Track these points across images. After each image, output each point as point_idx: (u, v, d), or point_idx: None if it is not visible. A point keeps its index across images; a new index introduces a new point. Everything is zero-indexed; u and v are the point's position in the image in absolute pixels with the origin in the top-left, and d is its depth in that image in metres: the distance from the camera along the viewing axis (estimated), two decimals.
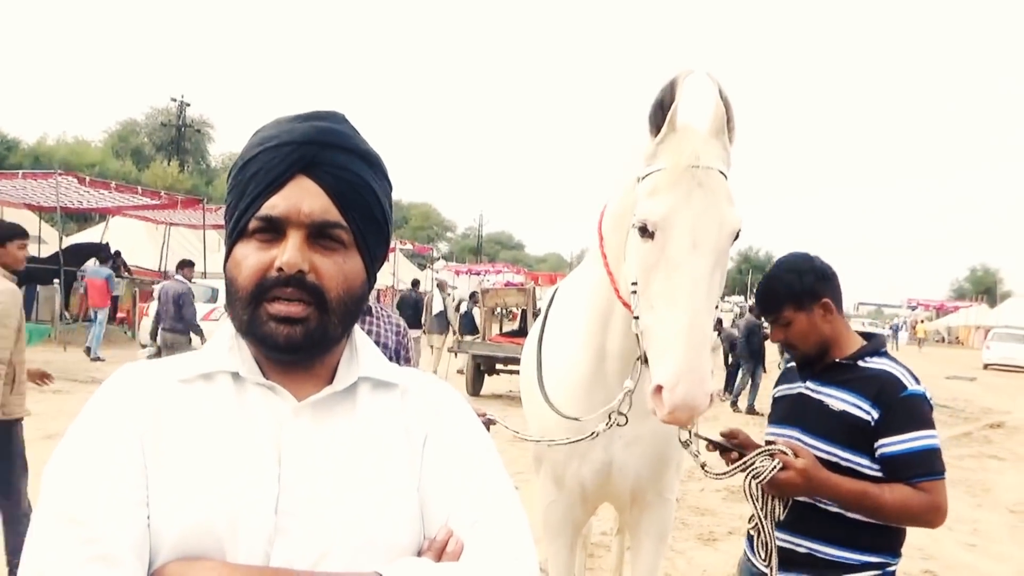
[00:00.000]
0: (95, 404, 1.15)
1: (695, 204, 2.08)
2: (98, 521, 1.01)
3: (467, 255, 77.30)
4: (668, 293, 2.07)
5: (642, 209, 2.14)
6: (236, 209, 1.19)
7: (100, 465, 1.06)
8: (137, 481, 1.07)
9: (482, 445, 1.28)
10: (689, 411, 1.98)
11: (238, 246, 1.18)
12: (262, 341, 1.16)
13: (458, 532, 1.16)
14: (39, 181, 19.20)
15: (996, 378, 28.50)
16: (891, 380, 2.32)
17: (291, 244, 1.14)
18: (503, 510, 1.20)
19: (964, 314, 61.99)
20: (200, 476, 1.09)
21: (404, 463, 1.20)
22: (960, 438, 12.80)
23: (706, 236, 2.08)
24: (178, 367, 1.19)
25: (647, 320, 2.16)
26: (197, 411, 1.14)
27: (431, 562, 1.12)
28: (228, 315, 1.21)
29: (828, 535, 2.31)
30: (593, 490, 2.82)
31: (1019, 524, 7.67)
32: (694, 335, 2.00)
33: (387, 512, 1.15)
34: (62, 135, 50.77)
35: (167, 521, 1.06)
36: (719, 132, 2.16)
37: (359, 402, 1.22)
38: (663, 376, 2.00)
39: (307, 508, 1.10)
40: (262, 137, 1.21)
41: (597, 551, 5.58)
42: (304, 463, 1.13)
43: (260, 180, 1.17)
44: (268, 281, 1.14)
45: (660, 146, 2.15)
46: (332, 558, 1.09)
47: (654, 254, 2.11)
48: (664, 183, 2.11)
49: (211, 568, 1.04)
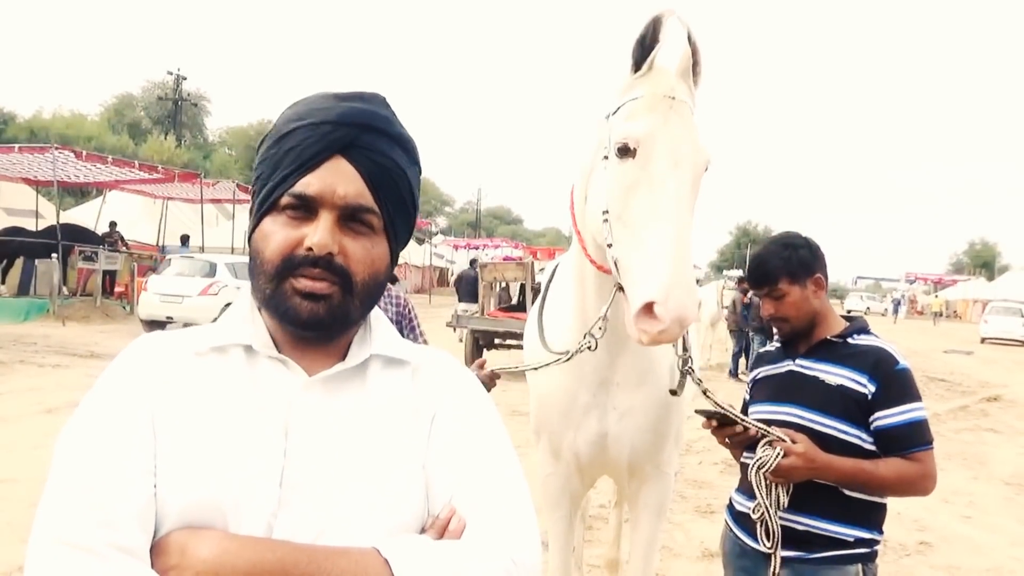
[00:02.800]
0: (109, 375, 1.16)
1: (673, 126, 2.11)
2: (104, 488, 1.03)
3: (465, 230, 77.25)
4: (651, 209, 2.05)
5: (621, 131, 2.15)
6: (268, 182, 1.18)
7: (109, 434, 1.08)
8: (145, 451, 1.08)
9: (490, 423, 1.27)
10: (681, 324, 1.94)
11: (267, 219, 1.18)
12: (284, 315, 1.16)
13: (461, 510, 1.16)
14: (36, 155, 19.12)
15: (993, 352, 28.59)
16: (885, 354, 2.39)
17: (323, 225, 1.14)
18: (507, 490, 1.20)
19: (962, 288, 62.08)
20: (207, 448, 1.09)
21: (411, 440, 1.20)
22: (957, 411, 12.85)
23: (685, 156, 2.10)
24: (193, 339, 1.20)
25: (625, 243, 2.11)
26: (209, 383, 1.15)
27: (430, 539, 1.12)
28: (251, 287, 1.22)
29: (824, 511, 2.35)
30: (589, 462, 2.83)
31: (1014, 496, 7.73)
32: (681, 248, 1.97)
33: (391, 488, 1.15)
34: (58, 109, 50.73)
35: (173, 491, 1.07)
36: (685, 74, 2.18)
37: (369, 379, 1.22)
38: (654, 291, 1.93)
39: (311, 482, 1.10)
40: (300, 112, 1.20)
41: (595, 523, 5.62)
42: (311, 438, 1.13)
43: (296, 157, 1.16)
44: (296, 259, 1.14)
45: (637, 79, 2.19)
46: (333, 532, 1.09)
47: (634, 173, 2.10)
48: (642, 108, 2.14)
49: (213, 537, 1.05)
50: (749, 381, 2.72)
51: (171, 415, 1.11)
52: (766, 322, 2.53)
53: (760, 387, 2.62)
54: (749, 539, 2.47)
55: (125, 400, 1.11)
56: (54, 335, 15.07)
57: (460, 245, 51.06)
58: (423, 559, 1.08)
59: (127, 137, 48.44)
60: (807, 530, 2.34)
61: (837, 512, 2.34)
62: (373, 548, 1.08)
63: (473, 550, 1.11)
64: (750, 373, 2.74)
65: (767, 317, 2.52)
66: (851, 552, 2.35)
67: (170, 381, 1.14)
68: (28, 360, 12.02)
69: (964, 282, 64.07)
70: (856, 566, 2.36)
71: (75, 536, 1.00)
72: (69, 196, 32.79)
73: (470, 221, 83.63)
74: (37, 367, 11.44)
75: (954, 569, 5.50)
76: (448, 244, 51.40)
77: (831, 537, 2.34)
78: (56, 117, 47.78)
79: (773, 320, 2.52)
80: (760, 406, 2.53)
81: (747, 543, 2.48)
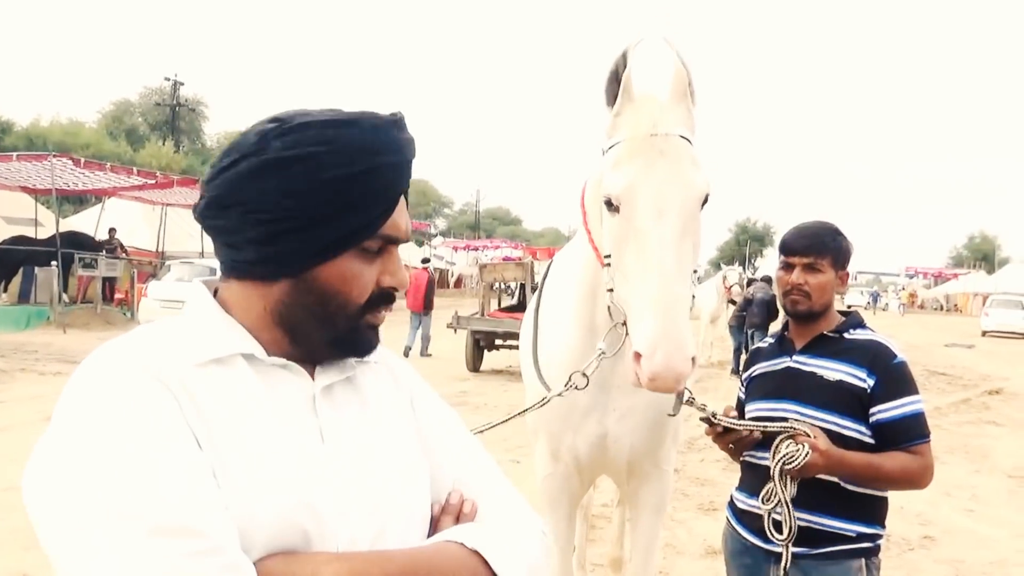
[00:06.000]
0: (112, 399, 0.98)
1: (658, 173, 2.06)
2: (213, 527, 0.92)
3: (465, 231, 77.19)
4: (638, 263, 2.06)
5: (606, 183, 2.14)
6: (346, 218, 1.10)
7: (175, 465, 0.94)
8: (211, 480, 0.98)
9: (451, 411, 1.36)
10: (670, 378, 1.95)
11: (344, 259, 1.12)
12: (355, 349, 1.18)
13: (466, 493, 1.23)
14: (34, 164, 19.07)
15: (995, 345, 28.56)
16: (883, 348, 2.40)
17: (400, 263, 1.18)
18: (496, 471, 1.30)
19: (963, 281, 62.02)
20: (269, 468, 1.03)
21: (410, 433, 1.24)
22: (959, 405, 12.84)
23: (671, 204, 2.06)
24: (186, 350, 1.07)
25: (622, 292, 2.15)
26: (230, 397, 1.05)
27: (483, 525, 1.18)
28: (306, 322, 1.14)
29: (826, 507, 2.35)
30: (588, 463, 2.83)
31: (1017, 489, 7.72)
32: (666, 301, 1.98)
33: (418, 483, 1.19)
34: (56, 116, 50.53)
35: (252, 520, 0.99)
36: (681, 96, 2.13)
37: (358, 381, 1.23)
38: (640, 344, 1.99)
39: (355, 486, 1.11)
40: (375, 146, 1.12)
41: (598, 523, 5.62)
42: (341, 442, 1.13)
43: (383, 198, 1.13)
44: (375, 297, 1.16)
45: (618, 118, 2.14)
46: (388, 535, 1.11)
47: (621, 227, 2.11)
48: (625, 154, 2.10)
49: (329, 560, 1.02)
50: (745, 378, 2.70)
51: (213, 436, 1.01)
52: (783, 297, 2.44)
53: (757, 384, 2.60)
54: (752, 536, 2.47)
55: (163, 424, 0.97)
56: (55, 343, 15.06)
57: (459, 246, 51.04)
58: (498, 544, 1.12)
59: (125, 144, 48.36)
60: (808, 526, 2.34)
61: (839, 507, 2.35)
62: (455, 543, 1.11)
63: (516, 528, 1.19)
64: (747, 369, 2.71)
65: (789, 285, 2.44)
66: (854, 547, 2.35)
67: (187, 398, 1.02)
68: (29, 368, 12.02)
69: (964, 275, 64.00)
70: (859, 560, 2.36)
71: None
72: (68, 204, 32.77)
73: (469, 222, 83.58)
74: (38, 375, 11.43)
75: (958, 563, 5.50)
76: (447, 245, 51.36)
77: (834, 532, 2.35)
78: (54, 125, 47.69)
79: (795, 290, 2.43)
80: (758, 403, 2.52)
81: (750, 540, 2.48)
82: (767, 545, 2.39)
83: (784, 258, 2.49)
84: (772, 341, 2.66)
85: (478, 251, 43.94)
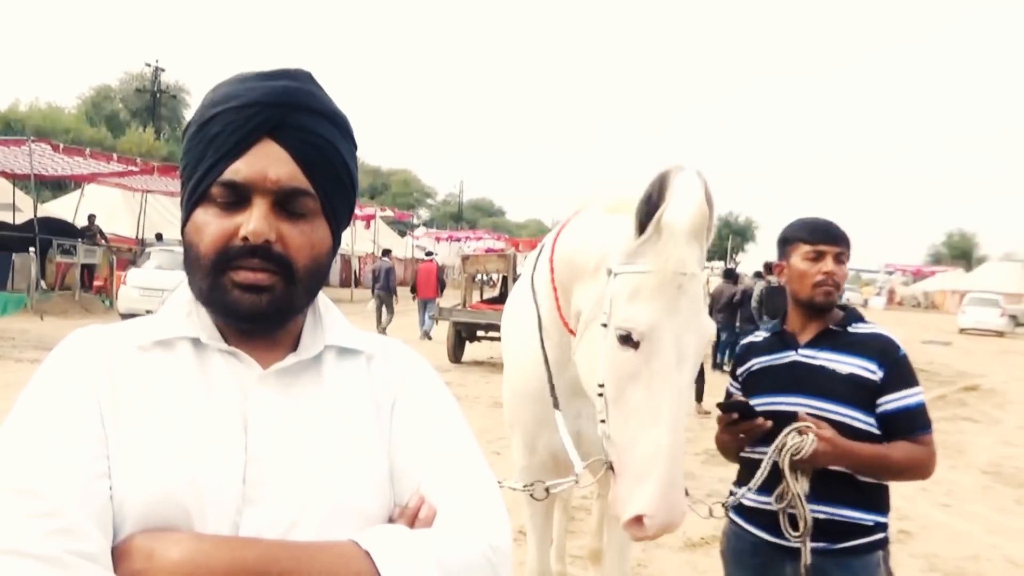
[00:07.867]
0: (48, 371, 1.09)
1: (681, 315, 1.99)
2: (58, 493, 0.95)
3: (448, 222, 77.07)
4: (649, 409, 1.98)
5: (623, 315, 2.03)
6: (195, 171, 1.13)
7: (57, 435, 1.01)
8: (98, 451, 1.02)
9: (449, 410, 1.26)
10: (669, 531, 1.97)
11: (198, 211, 1.13)
12: (224, 309, 1.12)
13: (430, 498, 1.14)
14: (12, 148, 18.83)
15: (971, 342, 28.88)
16: (889, 341, 2.43)
17: (257, 213, 1.09)
18: (473, 476, 1.18)
19: (940, 279, 62.56)
20: (164, 445, 1.04)
21: (372, 430, 1.18)
22: (935, 401, 12.95)
23: (690, 349, 2.00)
24: (134, 333, 1.15)
25: (620, 430, 2.07)
26: (158, 378, 1.10)
27: (406, 529, 1.10)
28: (187, 282, 1.17)
29: (842, 498, 2.35)
30: (564, 458, 2.83)
31: (991, 484, 7.82)
32: (674, 454, 1.95)
33: (356, 479, 1.13)
34: (35, 101, 49.83)
35: (131, 492, 1.01)
36: (704, 234, 2.05)
37: (324, 370, 1.20)
38: (644, 506, 1.93)
39: (275, 477, 1.07)
40: (223, 95, 1.14)
41: (577, 514, 5.63)
42: (271, 432, 1.10)
43: (222, 143, 1.10)
44: (232, 250, 1.09)
45: (644, 246, 2.03)
46: (302, 527, 1.06)
47: (635, 364, 2.01)
48: (649, 289, 2.00)
49: (181, 539, 1.00)
50: (742, 372, 2.64)
51: (121, 412, 1.05)
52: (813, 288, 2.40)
53: (759, 378, 2.55)
54: (767, 534, 2.43)
55: (70, 397, 1.04)
56: (32, 330, 14.90)
57: (442, 237, 50.86)
58: (403, 549, 1.04)
59: (105, 130, 47.80)
60: (828, 518, 2.33)
61: (854, 498, 2.35)
62: (351, 541, 1.04)
63: (451, 537, 1.08)
64: (742, 364, 2.65)
65: (823, 275, 2.39)
66: (872, 539, 2.36)
67: (116, 376, 1.08)
68: (6, 355, 11.89)
69: (942, 273, 64.56)
70: (878, 553, 2.37)
71: (31, 546, 0.91)
72: (47, 189, 32.40)
73: (452, 213, 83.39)
74: (15, 362, 11.31)
75: (933, 557, 5.56)
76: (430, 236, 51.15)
77: (853, 523, 2.35)
78: (33, 110, 47.07)
79: (828, 279, 2.40)
80: (764, 397, 2.47)
81: (764, 538, 2.44)
82: (781, 541, 2.37)
83: (815, 247, 2.42)
84: (767, 335, 2.62)
85: (461, 242, 43.83)
